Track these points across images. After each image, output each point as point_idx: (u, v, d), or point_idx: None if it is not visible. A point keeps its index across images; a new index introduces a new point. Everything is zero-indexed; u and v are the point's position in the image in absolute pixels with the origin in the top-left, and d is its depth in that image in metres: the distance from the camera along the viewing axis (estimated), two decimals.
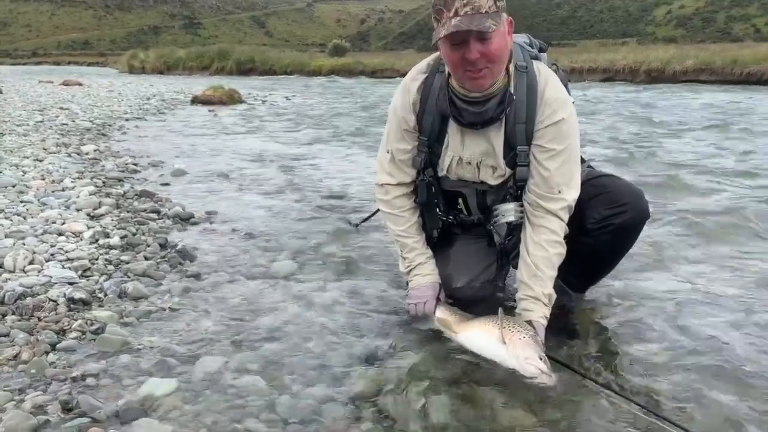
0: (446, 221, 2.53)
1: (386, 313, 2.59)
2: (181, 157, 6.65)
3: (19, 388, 1.90)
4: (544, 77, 2.19)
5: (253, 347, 2.24)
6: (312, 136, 8.80)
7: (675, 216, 4.05)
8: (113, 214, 3.88)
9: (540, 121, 2.16)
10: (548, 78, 2.20)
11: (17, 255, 2.90)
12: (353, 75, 32.49)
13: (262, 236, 3.67)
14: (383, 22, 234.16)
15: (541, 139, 2.18)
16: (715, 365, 2.14)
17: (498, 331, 2.06)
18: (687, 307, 2.63)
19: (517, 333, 2.03)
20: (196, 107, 13.57)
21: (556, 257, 2.23)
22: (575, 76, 24.19)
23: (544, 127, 2.16)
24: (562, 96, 2.19)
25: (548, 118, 2.16)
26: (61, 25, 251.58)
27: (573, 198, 2.22)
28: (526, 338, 2.01)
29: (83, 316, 2.41)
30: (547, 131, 2.16)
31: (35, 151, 6.18)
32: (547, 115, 2.16)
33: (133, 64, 41.30)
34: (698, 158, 6.47)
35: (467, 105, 2.14)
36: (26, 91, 16.17)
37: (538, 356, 1.96)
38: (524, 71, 2.17)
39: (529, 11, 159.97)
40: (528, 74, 2.17)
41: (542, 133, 2.17)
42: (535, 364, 1.95)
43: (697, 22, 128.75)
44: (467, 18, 1.92)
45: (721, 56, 22.88)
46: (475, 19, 1.91)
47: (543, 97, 2.16)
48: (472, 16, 1.92)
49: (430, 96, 2.25)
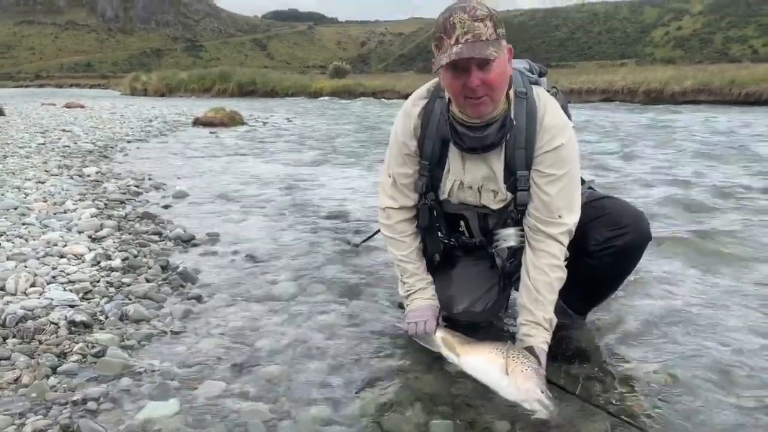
0: (448, 244, 2.53)
1: (387, 335, 2.58)
2: (182, 178, 6.67)
3: (20, 412, 1.89)
4: (543, 103, 2.20)
5: (254, 371, 2.23)
6: (313, 158, 8.84)
7: (678, 237, 4.05)
8: (115, 236, 3.88)
9: (539, 146, 2.17)
10: (547, 104, 2.21)
11: (19, 277, 2.90)
12: (354, 96, 32.70)
13: (263, 258, 3.67)
14: (383, 44, 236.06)
15: (540, 165, 2.19)
16: (719, 388, 2.13)
17: (501, 361, 2.03)
18: (690, 329, 2.63)
19: (520, 364, 2.00)
20: (198, 129, 13.64)
21: (556, 281, 2.23)
22: (574, 96, 24.37)
23: (543, 153, 2.17)
24: (561, 122, 2.20)
25: (547, 143, 2.17)
26: (64, 47, 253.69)
27: (573, 222, 2.22)
28: (528, 371, 1.98)
29: (84, 339, 2.40)
30: (547, 157, 2.18)
31: (37, 173, 6.20)
32: (546, 141, 2.17)
33: (136, 86, 41.63)
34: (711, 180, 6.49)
35: (468, 130, 2.16)
36: (29, 114, 16.27)
37: (540, 389, 1.93)
38: (524, 97, 2.19)
39: (527, 33, 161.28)
40: (528, 100, 2.19)
41: (542, 158, 2.18)
42: (536, 397, 1.92)
43: (695, 43, 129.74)
44: (468, 46, 1.93)
45: (720, 77, 23.08)
46: (477, 46, 1.93)
47: (542, 123, 2.17)
48: (473, 43, 1.93)
49: (430, 121, 2.27)
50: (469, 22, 1.93)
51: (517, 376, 1.97)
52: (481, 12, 1.94)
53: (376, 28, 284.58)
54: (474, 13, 1.94)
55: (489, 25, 1.94)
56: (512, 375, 1.98)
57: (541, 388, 1.93)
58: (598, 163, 7.72)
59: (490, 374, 2.06)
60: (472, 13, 1.94)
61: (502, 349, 2.07)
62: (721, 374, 2.23)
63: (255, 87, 36.75)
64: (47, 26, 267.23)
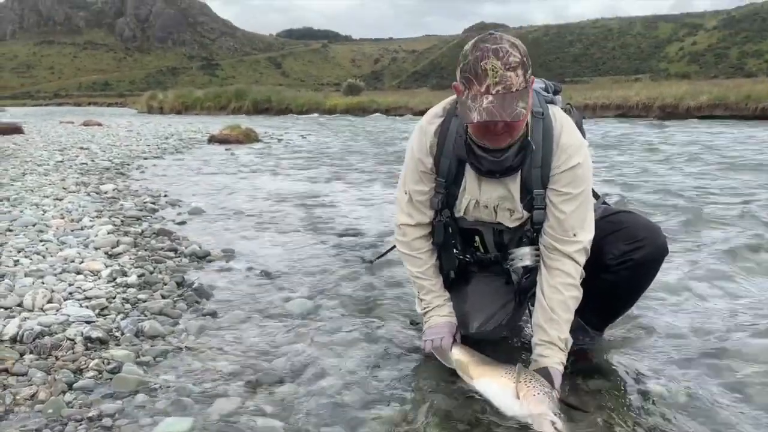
0: (463, 260, 2.52)
1: (402, 351, 2.56)
2: (198, 195, 6.72)
3: (36, 428, 1.89)
4: (559, 122, 2.20)
5: (269, 388, 2.23)
6: (327, 174, 8.87)
7: (697, 251, 4.01)
8: (131, 253, 3.91)
9: (556, 166, 2.17)
10: (563, 123, 2.21)
11: (36, 294, 2.93)
12: (368, 113, 32.85)
13: (277, 274, 3.67)
14: (396, 61, 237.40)
15: (556, 184, 2.18)
16: (739, 404, 2.10)
17: (513, 385, 2.00)
18: (709, 344, 2.59)
19: (532, 389, 1.97)
20: (214, 146, 13.76)
21: (571, 300, 2.21)
22: (588, 112, 24.30)
23: (560, 172, 2.17)
24: (577, 141, 2.19)
25: (564, 163, 2.16)
26: (82, 67, 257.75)
27: (588, 240, 2.21)
28: (540, 395, 1.94)
29: (100, 355, 2.41)
30: (563, 176, 2.17)
31: (55, 190, 6.28)
32: (563, 161, 2.16)
33: (152, 104, 42.12)
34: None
35: (486, 153, 2.15)
36: (47, 132, 16.52)
37: (552, 413, 1.89)
38: (540, 117, 2.18)
39: (542, 49, 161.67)
40: (544, 120, 2.18)
41: (558, 177, 2.17)
42: (549, 419, 1.88)
43: (710, 57, 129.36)
44: (499, 100, 1.88)
45: (735, 92, 22.93)
46: (507, 102, 1.88)
47: (559, 143, 2.16)
48: (503, 96, 1.88)
49: (447, 140, 2.26)
50: (502, 72, 1.88)
51: (529, 401, 1.94)
52: (513, 59, 1.89)
53: (390, 45, 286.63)
54: (507, 60, 1.88)
55: (520, 73, 1.90)
56: (524, 399, 1.95)
57: (554, 411, 1.89)
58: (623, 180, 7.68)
59: (503, 399, 2.03)
60: (505, 60, 1.88)
61: (514, 373, 2.04)
62: (741, 390, 2.19)
63: (270, 104, 37.05)
64: (66, 46, 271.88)
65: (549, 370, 2.11)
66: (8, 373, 2.23)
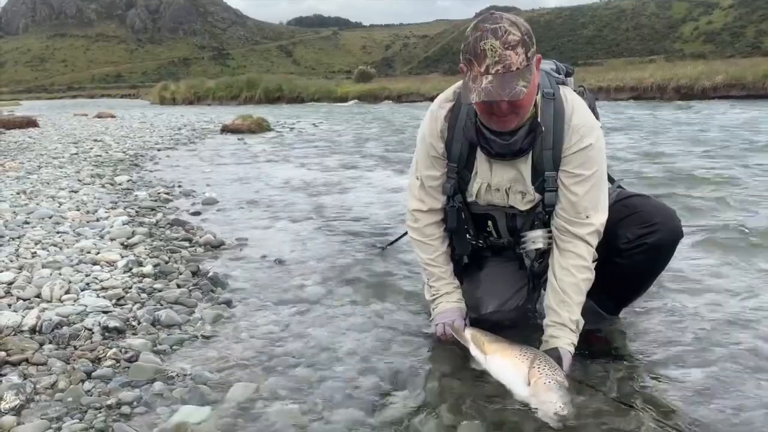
0: (476, 245, 2.52)
1: (415, 338, 2.58)
2: (211, 185, 6.76)
3: (57, 416, 1.93)
4: (570, 103, 2.18)
5: (285, 373, 2.25)
6: (339, 162, 8.88)
7: (713, 233, 3.98)
8: (146, 243, 3.95)
9: (567, 147, 2.15)
10: (575, 104, 2.19)
11: (54, 285, 2.96)
12: (379, 100, 32.76)
13: (291, 262, 3.69)
14: (408, 47, 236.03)
15: (568, 165, 2.17)
16: (756, 387, 2.09)
17: (526, 369, 2.00)
18: (726, 327, 2.58)
19: (544, 376, 1.95)
20: (226, 136, 13.80)
21: (583, 283, 2.20)
22: (602, 94, 24.07)
23: (572, 154, 2.15)
24: (589, 122, 2.18)
25: (576, 144, 2.15)
26: (95, 59, 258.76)
27: (601, 222, 2.20)
28: (550, 383, 1.93)
29: (117, 345, 2.44)
30: (575, 157, 2.15)
31: (70, 182, 6.34)
32: (575, 142, 2.15)
33: (164, 95, 42.24)
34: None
35: (496, 136, 2.14)
36: (62, 125, 16.65)
37: (560, 403, 1.87)
38: (551, 98, 2.17)
39: (554, 32, 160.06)
40: (555, 101, 2.17)
41: (570, 159, 2.16)
42: (554, 410, 1.86)
43: (725, 37, 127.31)
44: (498, 80, 1.88)
45: (752, 71, 22.58)
46: (506, 81, 1.87)
47: (570, 124, 2.15)
48: (503, 76, 1.88)
49: (457, 124, 2.26)
50: (501, 51, 1.87)
51: (539, 388, 1.93)
52: (513, 37, 1.88)
53: (401, 31, 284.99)
54: (506, 39, 1.87)
55: (520, 51, 1.89)
56: (534, 386, 1.95)
57: (563, 400, 1.88)
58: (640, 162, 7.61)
59: (513, 381, 2.03)
60: (503, 39, 1.87)
61: (528, 356, 2.04)
62: (760, 375, 2.18)
63: (281, 93, 37.04)
64: (78, 39, 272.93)
65: (559, 351, 2.11)
66: (28, 362, 2.27)
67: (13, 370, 2.21)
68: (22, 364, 2.26)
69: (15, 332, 2.51)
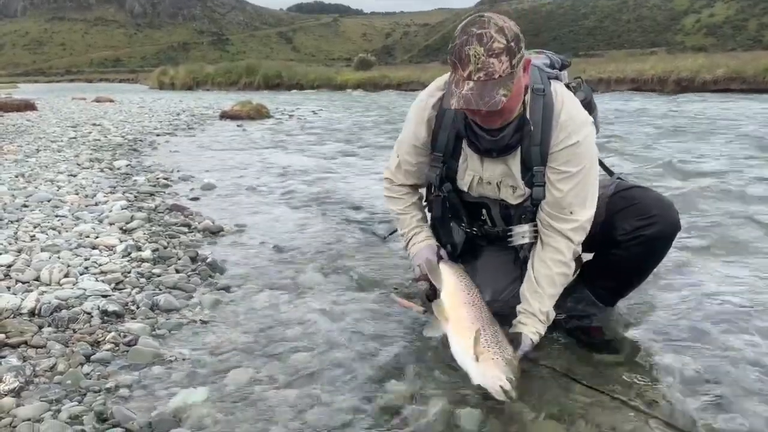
0: (470, 233, 2.54)
1: (413, 324, 2.59)
2: (210, 171, 6.75)
3: (56, 398, 1.94)
4: (560, 99, 2.17)
5: (282, 359, 2.27)
6: (339, 150, 8.87)
7: (708, 226, 3.99)
8: (145, 228, 3.95)
9: (555, 144, 2.16)
10: (565, 100, 2.18)
11: (53, 268, 2.97)
12: (379, 88, 32.65)
13: (290, 249, 3.70)
14: (408, 35, 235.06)
15: (555, 162, 2.17)
16: (749, 381, 2.11)
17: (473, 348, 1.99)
18: (721, 321, 2.59)
19: (491, 352, 1.96)
20: (225, 122, 13.75)
21: (558, 277, 2.23)
22: (603, 86, 24.01)
23: (559, 150, 2.16)
24: (578, 118, 2.17)
25: (563, 141, 2.15)
26: (93, 43, 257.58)
27: (587, 218, 2.21)
28: (497, 359, 1.95)
29: (116, 329, 2.46)
30: (561, 154, 2.16)
31: (69, 166, 6.33)
32: (562, 139, 2.15)
33: (163, 80, 42.04)
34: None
35: (484, 132, 2.17)
36: (60, 108, 16.59)
37: (506, 377, 1.89)
38: (541, 94, 2.16)
39: (555, 22, 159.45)
40: (545, 97, 2.16)
41: (556, 155, 2.17)
42: (500, 383, 1.89)
43: (727, 30, 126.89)
44: (479, 87, 1.88)
45: (753, 65, 22.49)
46: (486, 90, 1.88)
47: (558, 120, 2.15)
48: (484, 84, 1.88)
49: (446, 114, 2.28)
50: (484, 58, 1.87)
51: (486, 363, 1.95)
52: (497, 44, 1.87)
53: (401, 19, 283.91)
54: (490, 46, 1.86)
55: (504, 60, 1.88)
56: (482, 361, 1.96)
57: (508, 376, 1.90)
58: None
59: (462, 356, 2.03)
60: (488, 46, 1.86)
61: (478, 331, 2.02)
62: (757, 366, 2.20)
63: (281, 80, 36.88)
64: (77, 22, 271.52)
65: (521, 337, 2.15)
66: (27, 345, 2.29)
67: (13, 352, 2.22)
68: (21, 346, 2.28)
69: (14, 315, 2.53)
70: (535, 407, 1.94)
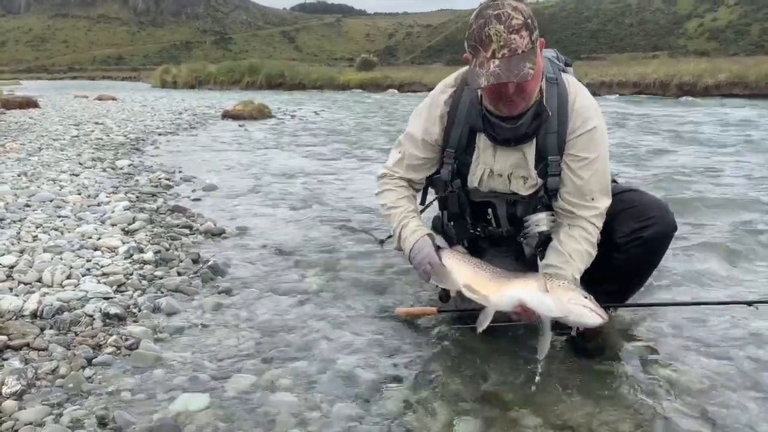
0: (474, 234, 2.54)
1: (414, 331, 2.59)
2: (212, 171, 6.76)
3: (57, 402, 1.95)
4: (573, 87, 2.22)
5: (284, 364, 2.27)
6: (341, 151, 8.87)
7: (708, 232, 3.99)
8: (147, 230, 3.95)
9: (572, 130, 2.19)
10: (578, 88, 2.23)
11: (55, 270, 2.97)
12: (381, 89, 32.66)
13: (291, 252, 3.71)
14: (411, 36, 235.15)
15: (573, 148, 2.20)
16: (750, 389, 2.11)
17: (536, 283, 1.97)
18: (722, 327, 2.60)
19: (556, 280, 1.96)
20: (227, 122, 13.76)
21: (587, 254, 2.21)
22: (605, 89, 24.05)
23: (577, 137, 2.19)
24: (592, 104, 2.22)
25: (580, 127, 2.18)
26: (96, 41, 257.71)
27: (605, 206, 2.24)
28: (565, 283, 1.95)
29: (118, 332, 2.46)
30: (580, 140, 2.19)
31: (71, 165, 6.34)
32: (579, 125, 2.18)
33: (166, 79, 42.05)
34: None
35: (501, 121, 2.17)
36: (62, 106, 16.59)
37: (583, 296, 1.90)
38: (554, 82, 2.20)
39: (558, 25, 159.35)
40: (558, 85, 2.20)
41: (574, 142, 2.19)
42: (582, 303, 1.89)
43: (729, 34, 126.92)
44: (505, 63, 1.90)
45: (756, 70, 22.54)
46: (513, 64, 1.90)
47: (574, 107, 2.19)
48: (509, 59, 1.90)
49: (459, 109, 2.29)
50: (505, 35, 1.90)
51: (557, 291, 1.92)
52: (516, 21, 1.90)
53: (404, 19, 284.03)
54: (510, 23, 1.90)
55: (525, 35, 1.91)
56: (552, 291, 1.93)
57: (584, 294, 1.90)
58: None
59: (531, 298, 1.95)
60: (507, 23, 1.90)
61: (531, 275, 2.03)
62: (755, 376, 2.20)
63: (283, 79, 36.92)
64: (80, 19, 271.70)
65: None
66: (29, 347, 2.29)
67: (15, 354, 2.22)
68: (23, 348, 2.28)
69: (16, 316, 2.53)
70: (535, 415, 1.94)
